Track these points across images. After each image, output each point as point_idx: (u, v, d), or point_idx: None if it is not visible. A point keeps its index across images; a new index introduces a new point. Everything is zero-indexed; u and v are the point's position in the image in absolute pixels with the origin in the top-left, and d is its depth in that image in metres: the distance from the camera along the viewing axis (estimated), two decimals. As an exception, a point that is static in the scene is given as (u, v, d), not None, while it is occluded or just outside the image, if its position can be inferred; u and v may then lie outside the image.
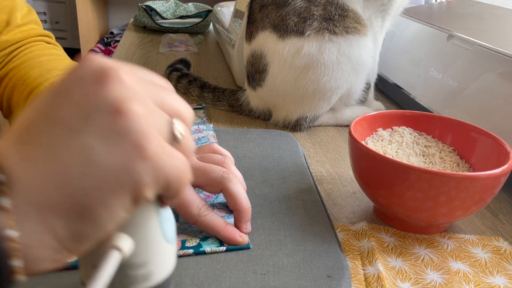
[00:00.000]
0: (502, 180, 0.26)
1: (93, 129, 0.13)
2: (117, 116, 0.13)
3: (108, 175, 0.13)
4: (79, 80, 0.14)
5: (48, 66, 0.34)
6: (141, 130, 0.13)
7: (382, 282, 0.24)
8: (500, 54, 0.36)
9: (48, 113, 0.14)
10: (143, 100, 0.14)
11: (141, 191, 0.14)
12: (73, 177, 0.13)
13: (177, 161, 0.14)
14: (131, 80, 0.14)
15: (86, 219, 0.13)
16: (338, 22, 0.40)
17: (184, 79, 0.52)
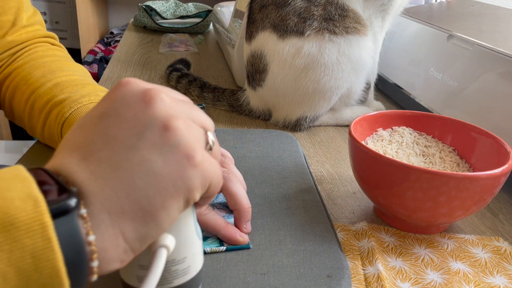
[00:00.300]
0: (502, 180, 0.26)
1: (148, 144, 0.15)
2: (167, 132, 0.15)
3: (166, 182, 0.15)
4: (126, 103, 0.16)
5: (52, 67, 0.34)
6: (188, 142, 0.16)
7: (382, 282, 0.24)
8: (500, 54, 0.36)
9: (104, 133, 0.16)
10: (182, 116, 0.16)
11: (192, 194, 0.16)
12: (137, 187, 0.15)
13: (215, 167, 0.17)
14: (170, 99, 0.16)
15: (150, 222, 0.15)
16: (338, 22, 0.40)
17: (184, 79, 0.52)
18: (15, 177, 0.14)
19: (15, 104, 0.35)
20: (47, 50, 0.37)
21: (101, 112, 0.16)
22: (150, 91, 0.16)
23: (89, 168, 0.15)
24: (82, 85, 0.33)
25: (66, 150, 0.16)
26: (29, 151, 0.36)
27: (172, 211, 0.15)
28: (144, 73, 0.60)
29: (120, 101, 0.16)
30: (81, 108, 0.30)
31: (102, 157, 0.15)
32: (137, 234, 0.15)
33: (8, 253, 0.12)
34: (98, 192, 0.15)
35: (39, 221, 0.13)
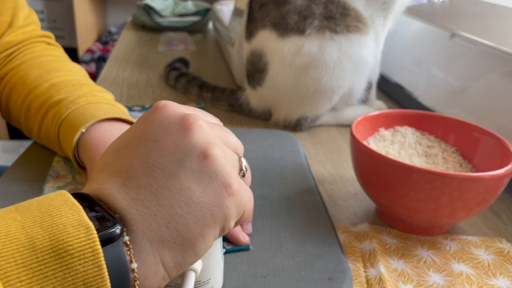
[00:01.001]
0: (505, 180, 0.25)
1: (187, 172, 0.15)
2: (206, 160, 0.16)
3: (205, 211, 0.15)
4: (165, 128, 0.16)
5: (48, 67, 0.34)
6: (225, 171, 0.16)
7: (384, 284, 0.24)
8: (504, 53, 0.35)
9: (143, 159, 0.16)
10: (219, 143, 0.16)
11: (228, 222, 0.16)
12: (177, 215, 0.15)
13: (249, 194, 0.17)
14: (207, 126, 0.17)
15: (188, 250, 0.15)
16: (339, 20, 0.39)
17: (183, 78, 0.51)
18: (64, 203, 0.14)
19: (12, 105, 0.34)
20: (44, 50, 0.37)
21: (139, 136, 0.16)
22: (188, 117, 0.16)
23: (130, 194, 0.15)
24: (79, 85, 0.32)
25: (105, 174, 0.16)
26: (26, 152, 0.36)
27: (209, 239, 0.16)
28: (143, 72, 0.60)
29: (159, 126, 0.16)
30: (78, 109, 0.30)
31: (142, 184, 0.15)
32: (176, 262, 0.15)
33: (62, 280, 0.13)
34: (139, 220, 0.15)
35: (91, 249, 0.13)
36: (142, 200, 0.15)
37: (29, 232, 0.13)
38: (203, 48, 0.76)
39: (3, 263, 0.12)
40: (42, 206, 0.14)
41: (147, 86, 0.54)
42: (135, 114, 0.45)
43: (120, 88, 0.53)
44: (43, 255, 0.12)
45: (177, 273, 0.16)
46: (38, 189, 0.30)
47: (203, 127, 0.16)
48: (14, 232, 0.13)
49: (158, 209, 0.15)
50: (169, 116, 0.16)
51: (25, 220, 0.13)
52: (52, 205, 0.14)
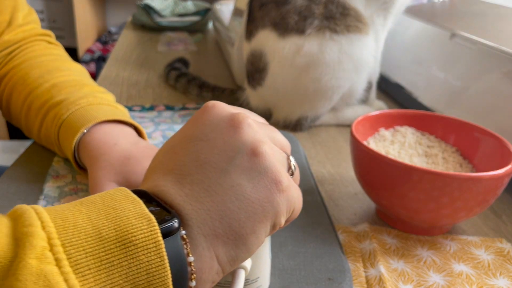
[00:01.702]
0: (505, 180, 0.25)
1: (238, 169, 0.16)
2: (256, 157, 0.16)
3: (256, 207, 0.16)
4: (215, 127, 0.17)
5: (49, 67, 0.34)
6: (275, 167, 0.16)
7: (384, 285, 0.24)
8: (504, 53, 0.35)
9: (195, 157, 0.16)
10: (267, 141, 0.17)
11: (279, 219, 0.16)
12: (230, 210, 0.15)
13: (298, 192, 0.17)
14: (255, 124, 0.17)
15: (241, 245, 0.16)
16: (339, 20, 0.39)
17: (183, 78, 0.51)
18: (125, 198, 0.14)
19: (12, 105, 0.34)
20: (44, 49, 0.37)
21: (191, 136, 0.17)
22: (237, 116, 0.17)
23: (184, 191, 0.15)
24: (80, 86, 0.32)
25: (159, 172, 0.16)
26: (26, 152, 0.36)
27: (261, 235, 0.16)
28: (142, 72, 0.60)
29: (209, 125, 0.17)
30: (79, 110, 0.30)
31: (194, 180, 0.16)
32: (229, 257, 0.15)
33: (127, 269, 0.13)
34: (194, 215, 0.15)
35: (154, 240, 0.13)
36: (196, 196, 0.15)
37: (95, 224, 0.13)
38: (203, 48, 0.76)
39: (73, 252, 0.12)
40: (105, 200, 0.14)
41: (147, 86, 0.54)
42: (135, 114, 0.45)
43: (120, 88, 0.53)
44: (109, 244, 0.13)
45: (231, 269, 0.16)
46: (38, 189, 0.30)
47: (251, 126, 0.17)
48: (82, 223, 0.13)
49: (211, 205, 0.15)
50: (218, 115, 0.17)
51: (91, 213, 0.14)
52: (115, 199, 0.14)
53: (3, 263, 0.12)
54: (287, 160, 0.18)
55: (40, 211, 0.13)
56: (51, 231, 0.12)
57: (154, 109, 0.46)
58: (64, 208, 0.14)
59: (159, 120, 0.43)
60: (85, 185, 0.31)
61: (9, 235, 0.12)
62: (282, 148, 0.18)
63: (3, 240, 0.12)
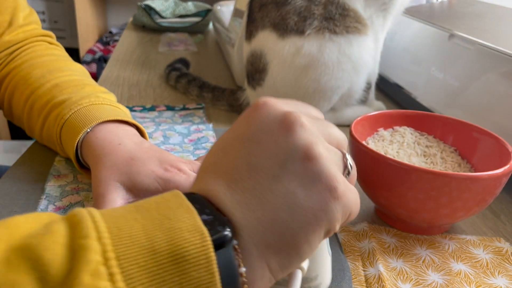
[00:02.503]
0: (503, 180, 0.26)
1: (290, 175, 0.15)
2: (309, 162, 0.15)
3: (309, 216, 0.15)
4: (266, 128, 0.16)
5: (50, 67, 0.34)
6: (329, 172, 0.15)
7: (383, 283, 0.24)
8: (502, 54, 0.36)
9: (246, 160, 0.15)
10: (321, 141, 0.16)
11: (333, 226, 0.16)
12: (281, 220, 0.15)
13: (355, 195, 0.16)
14: (309, 123, 0.16)
15: (293, 254, 0.15)
16: (338, 21, 0.39)
17: (183, 78, 0.52)
18: (180, 206, 0.14)
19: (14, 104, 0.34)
20: (45, 49, 0.37)
21: (242, 136, 0.16)
22: (289, 115, 0.16)
23: (235, 197, 0.15)
24: (81, 85, 0.32)
25: (211, 174, 0.16)
26: (28, 151, 0.36)
27: (314, 243, 0.15)
28: (143, 72, 0.60)
29: (260, 125, 0.16)
30: (81, 110, 0.30)
31: (246, 186, 0.15)
32: (281, 266, 0.15)
33: (178, 285, 0.13)
34: (245, 224, 0.15)
35: (205, 255, 0.13)
36: (247, 204, 0.15)
37: (149, 235, 0.13)
38: (204, 48, 0.76)
39: (126, 265, 0.12)
40: (160, 208, 0.14)
41: (147, 87, 0.54)
42: (136, 114, 0.45)
43: (121, 89, 0.53)
44: (162, 259, 0.13)
45: (283, 276, 0.15)
46: (39, 188, 0.31)
47: (304, 126, 0.16)
48: (136, 234, 0.13)
49: (262, 213, 0.15)
50: (270, 115, 0.16)
51: (146, 221, 0.13)
52: (169, 207, 0.14)
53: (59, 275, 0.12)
54: (343, 159, 0.17)
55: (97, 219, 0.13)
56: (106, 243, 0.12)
57: (155, 110, 0.46)
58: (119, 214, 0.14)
59: (159, 120, 0.43)
60: (86, 184, 0.31)
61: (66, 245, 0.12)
62: (338, 146, 0.17)
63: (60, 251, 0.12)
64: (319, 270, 0.19)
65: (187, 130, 0.41)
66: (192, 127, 0.42)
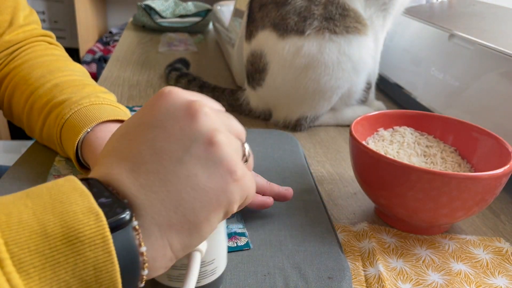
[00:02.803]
0: (503, 180, 0.26)
1: (194, 159, 0.16)
2: (212, 147, 0.16)
3: (211, 197, 0.16)
4: (171, 115, 0.16)
5: (50, 67, 0.34)
6: (230, 157, 0.16)
7: (383, 283, 0.24)
8: (502, 54, 0.36)
9: (150, 145, 0.16)
10: (223, 130, 0.17)
11: (232, 207, 0.17)
12: (184, 200, 0.15)
13: (252, 180, 0.17)
14: (212, 112, 0.17)
15: (194, 233, 0.16)
16: (338, 21, 0.39)
17: (183, 78, 0.52)
18: (73, 190, 0.14)
19: (14, 104, 0.35)
20: (45, 49, 0.37)
21: (146, 122, 0.16)
22: (194, 103, 0.16)
23: (138, 180, 0.15)
24: (82, 85, 0.32)
25: (113, 158, 0.16)
26: (27, 151, 0.36)
27: (214, 222, 0.16)
28: (143, 72, 0.60)
29: (165, 112, 0.16)
30: (81, 109, 0.30)
31: (150, 169, 0.15)
32: (182, 245, 0.16)
33: (73, 266, 0.13)
34: (148, 205, 0.15)
35: (101, 235, 0.13)
36: (151, 186, 0.15)
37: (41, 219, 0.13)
38: (204, 48, 0.76)
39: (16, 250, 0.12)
40: (52, 193, 0.14)
41: (147, 87, 0.54)
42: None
43: (121, 89, 0.53)
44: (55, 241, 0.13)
45: (184, 254, 0.16)
46: (39, 189, 0.31)
47: (208, 114, 0.16)
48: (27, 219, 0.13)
49: (166, 195, 0.15)
50: (175, 102, 0.17)
51: (37, 207, 0.13)
52: (62, 191, 0.14)
53: None
54: (241, 147, 0.18)
55: None
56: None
57: (155, 110, 0.46)
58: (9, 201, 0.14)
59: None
60: None
61: None
62: (238, 136, 0.18)
63: None
64: (216, 254, 0.20)
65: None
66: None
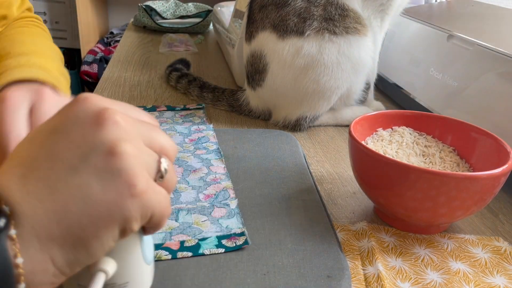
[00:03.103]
0: (502, 180, 0.26)
1: (90, 168, 0.15)
2: (112, 157, 0.15)
3: (102, 211, 0.14)
4: (78, 121, 0.15)
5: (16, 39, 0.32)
6: (131, 169, 0.15)
7: (382, 282, 0.24)
8: (500, 54, 0.36)
9: (48, 150, 0.15)
10: (134, 141, 0.15)
11: (129, 224, 0.15)
12: (71, 213, 0.14)
13: (160, 197, 0.16)
14: (124, 122, 0.15)
15: (80, 249, 0.15)
16: (338, 22, 0.40)
17: (184, 79, 0.52)
18: None
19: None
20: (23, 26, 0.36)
21: (52, 127, 0.15)
22: (105, 111, 0.15)
23: (26, 187, 0.14)
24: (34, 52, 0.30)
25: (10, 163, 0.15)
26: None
27: (106, 240, 0.15)
28: (144, 73, 0.60)
29: (73, 118, 0.15)
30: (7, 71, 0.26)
31: (41, 176, 0.14)
32: (67, 261, 0.15)
33: None
34: (30, 214, 0.14)
35: None
36: (37, 194, 0.14)
37: None
38: (204, 49, 0.76)
39: None
40: None
41: (148, 87, 0.55)
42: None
43: (122, 89, 0.54)
44: None
45: (72, 272, 0.15)
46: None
47: (118, 123, 0.15)
48: None
49: (51, 204, 0.14)
50: (86, 109, 0.15)
51: None
52: None
53: None
54: (157, 162, 0.16)
55: None
56: None
57: (156, 110, 0.47)
58: None
59: (160, 121, 0.44)
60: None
61: None
62: (160, 150, 0.16)
63: None
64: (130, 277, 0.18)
65: (187, 130, 0.41)
66: (193, 127, 0.42)
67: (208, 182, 0.32)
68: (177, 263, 0.24)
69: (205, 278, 0.23)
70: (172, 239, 0.26)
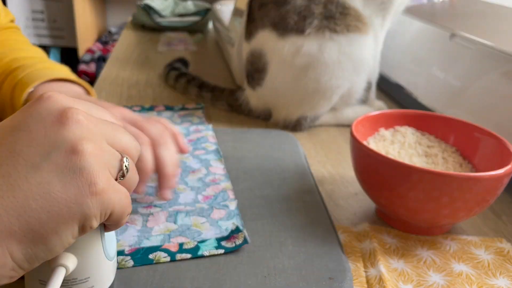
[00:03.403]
0: (505, 180, 0.25)
1: (51, 166, 0.15)
2: (73, 155, 0.15)
3: (62, 208, 0.15)
4: (40, 119, 0.16)
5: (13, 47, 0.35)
6: (92, 168, 0.15)
7: (384, 284, 0.24)
8: (504, 54, 0.35)
9: (10, 147, 0.15)
10: (96, 140, 0.16)
11: (89, 221, 0.16)
12: (31, 209, 0.15)
13: (121, 195, 0.17)
14: (87, 121, 0.16)
15: (39, 245, 0.15)
16: (339, 20, 0.39)
17: (183, 78, 0.51)
18: None
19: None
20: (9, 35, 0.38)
21: (13, 125, 0.16)
22: (68, 110, 0.16)
23: None
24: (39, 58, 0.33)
25: None
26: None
27: (65, 236, 0.15)
28: (143, 72, 0.60)
29: (35, 116, 0.16)
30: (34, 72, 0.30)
31: (1, 173, 0.15)
32: (26, 255, 0.15)
33: None
34: None
35: None
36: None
37: None
38: (203, 48, 0.76)
39: None
40: None
41: (147, 86, 0.54)
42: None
43: (120, 88, 0.53)
44: None
45: (31, 267, 0.15)
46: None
47: (80, 122, 0.16)
48: None
49: (11, 201, 0.14)
50: (49, 107, 0.16)
51: None
52: None
53: None
54: (119, 161, 0.17)
55: None
56: None
57: (154, 109, 0.46)
58: None
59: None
60: None
61: None
62: (123, 149, 0.17)
63: None
64: (92, 273, 0.19)
65: (186, 130, 0.41)
66: (192, 127, 0.42)
67: (207, 183, 0.32)
68: (176, 265, 0.24)
69: (204, 280, 0.23)
70: (171, 241, 0.25)
